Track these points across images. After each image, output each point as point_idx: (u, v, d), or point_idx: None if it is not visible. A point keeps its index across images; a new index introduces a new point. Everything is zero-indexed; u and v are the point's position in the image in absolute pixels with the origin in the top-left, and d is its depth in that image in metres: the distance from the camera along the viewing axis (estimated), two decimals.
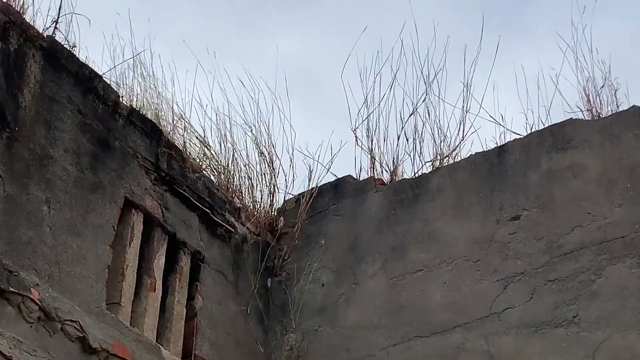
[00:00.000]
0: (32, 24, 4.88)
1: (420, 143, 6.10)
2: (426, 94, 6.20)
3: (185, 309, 5.43)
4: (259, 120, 6.38)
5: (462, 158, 5.90)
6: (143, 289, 5.21)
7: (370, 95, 6.35)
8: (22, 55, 4.75)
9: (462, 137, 6.00)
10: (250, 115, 6.40)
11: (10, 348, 4.28)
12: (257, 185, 6.27)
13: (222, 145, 6.28)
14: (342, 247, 5.97)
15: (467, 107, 6.06)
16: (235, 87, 6.49)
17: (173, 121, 6.08)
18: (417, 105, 6.18)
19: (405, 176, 6.07)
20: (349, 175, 6.22)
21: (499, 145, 5.75)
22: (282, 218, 6.22)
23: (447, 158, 5.96)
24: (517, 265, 5.32)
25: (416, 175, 6.00)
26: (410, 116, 6.18)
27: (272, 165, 6.34)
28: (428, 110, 6.18)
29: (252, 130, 6.36)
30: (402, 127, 6.15)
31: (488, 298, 5.32)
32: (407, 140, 6.14)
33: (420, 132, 6.15)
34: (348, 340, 5.65)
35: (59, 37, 5.11)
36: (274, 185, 6.31)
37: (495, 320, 5.25)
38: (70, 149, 4.89)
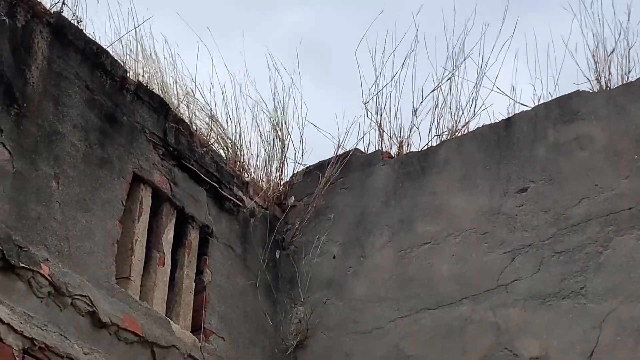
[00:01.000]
0: (38, 0, 4.88)
1: (438, 118, 6.10)
2: (451, 72, 6.19)
3: (194, 283, 5.46)
4: (273, 95, 6.39)
5: (470, 131, 5.90)
6: (152, 263, 5.24)
7: (382, 71, 6.35)
8: (30, 32, 4.76)
9: (474, 112, 6.01)
10: (261, 88, 6.42)
11: (21, 323, 4.31)
12: (266, 159, 6.29)
13: (230, 119, 6.30)
14: (349, 220, 5.99)
15: (479, 83, 6.06)
16: (246, 62, 6.50)
17: (179, 95, 6.09)
18: (441, 82, 6.17)
19: (414, 150, 6.07)
20: (356, 148, 6.23)
21: (506, 117, 5.75)
22: (289, 191, 6.24)
23: (457, 132, 5.96)
24: (524, 237, 5.34)
25: (424, 148, 6.01)
26: (431, 92, 6.18)
27: (282, 138, 6.35)
28: (450, 87, 6.19)
29: (263, 104, 6.37)
30: (413, 102, 6.16)
31: (495, 270, 5.34)
32: (416, 114, 6.15)
33: (440, 108, 6.15)
34: (356, 312, 5.69)
35: (66, 13, 5.11)
36: (283, 159, 6.32)
37: (502, 292, 5.27)
38: (78, 124, 4.91)
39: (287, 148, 6.33)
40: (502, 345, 5.16)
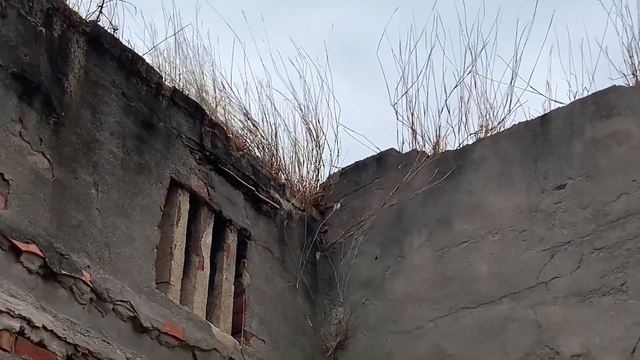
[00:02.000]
0: (74, 10, 4.93)
1: (465, 115, 6.08)
2: (472, 66, 6.17)
3: (233, 286, 5.49)
4: (305, 95, 6.40)
5: (505, 128, 5.88)
6: (191, 267, 5.27)
7: (409, 69, 6.34)
8: (66, 41, 4.81)
9: (509, 110, 5.98)
10: (295, 90, 6.43)
11: (64, 329, 4.37)
12: (302, 161, 6.30)
13: (266, 121, 6.32)
14: (387, 220, 5.99)
15: (513, 81, 6.03)
16: (279, 62, 6.51)
17: (216, 99, 6.13)
18: (463, 76, 6.15)
19: (449, 148, 6.06)
20: (392, 148, 6.22)
21: (541, 114, 5.73)
22: (326, 193, 6.25)
23: (492, 130, 5.95)
24: (563, 234, 5.31)
25: (459, 147, 6.00)
26: (454, 87, 6.16)
27: (318, 140, 6.36)
28: (475, 82, 6.17)
29: (299, 106, 6.38)
30: (446, 100, 6.14)
31: (535, 268, 5.32)
32: (449, 112, 6.14)
33: (465, 104, 6.13)
34: (395, 312, 5.69)
35: (103, 22, 5.17)
36: (319, 161, 6.33)
37: (542, 290, 5.25)
38: (115, 131, 4.95)
39: (323, 149, 6.35)
40: (543, 343, 5.14)
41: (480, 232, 5.60)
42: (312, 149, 6.33)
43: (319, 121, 6.34)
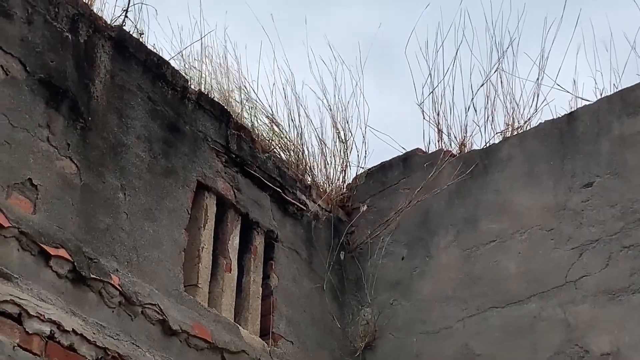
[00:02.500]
0: (99, 15, 4.96)
1: (492, 113, 6.06)
2: (498, 64, 6.15)
3: (261, 288, 5.50)
4: (334, 95, 6.40)
5: (531, 127, 5.85)
6: (219, 270, 5.29)
7: (436, 68, 6.32)
8: (92, 46, 4.84)
9: (535, 108, 5.95)
10: (323, 90, 6.42)
11: (94, 333, 4.39)
12: (329, 162, 6.30)
13: (292, 123, 6.32)
14: (413, 220, 5.98)
15: (540, 79, 6.00)
16: (306, 63, 6.52)
17: (242, 101, 6.14)
18: (489, 75, 6.13)
19: (475, 147, 6.05)
20: (418, 148, 6.21)
21: (568, 112, 5.70)
22: (352, 194, 6.25)
23: (518, 129, 5.92)
24: (592, 232, 5.28)
25: (486, 146, 5.98)
26: (481, 86, 6.14)
27: (346, 141, 6.35)
28: (501, 80, 6.14)
29: (327, 107, 6.38)
30: (472, 99, 6.12)
31: (563, 266, 5.30)
32: (476, 111, 6.12)
33: (492, 103, 6.11)
34: (423, 312, 5.68)
35: (128, 26, 5.19)
36: (346, 162, 6.33)
37: (571, 289, 5.22)
38: (142, 135, 4.98)
39: (350, 150, 6.35)
40: (573, 342, 5.11)
41: (508, 231, 5.58)
42: (339, 150, 6.33)
43: (347, 122, 6.35)
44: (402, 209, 5.93)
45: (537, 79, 6.01)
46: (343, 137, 6.30)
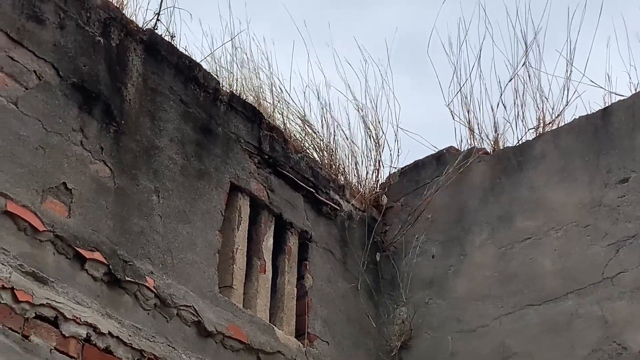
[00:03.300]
0: (131, 19, 4.98)
1: (522, 109, 6.02)
2: (525, 59, 6.11)
3: (295, 289, 5.50)
4: (365, 95, 6.39)
5: (565, 123, 5.81)
6: (253, 270, 5.29)
7: (461, 64, 6.29)
8: (124, 50, 4.86)
9: (567, 102, 5.91)
10: (354, 90, 6.42)
11: (129, 335, 4.42)
12: (362, 161, 6.29)
13: (325, 122, 6.32)
14: (447, 218, 5.95)
15: (569, 72, 5.95)
16: (337, 62, 6.51)
17: (273, 102, 6.15)
18: (516, 70, 6.09)
19: (508, 144, 6.01)
20: (451, 146, 6.19)
21: (602, 107, 5.65)
22: (386, 193, 6.23)
23: (550, 124, 5.88)
24: (628, 228, 5.23)
25: (519, 142, 5.95)
26: (509, 82, 6.10)
27: (377, 140, 6.34)
28: (529, 75, 6.10)
29: (358, 106, 6.37)
30: (501, 95, 6.08)
31: (599, 263, 5.25)
32: (505, 108, 6.08)
33: (520, 98, 6.07)
34: (459, 311, 5.65)
35: (160, 29, 5.22)
36: (378, 161, 6.32)
37: (608, 285, 5.18)
38: (175, 138, 4.99)
39: (382, 149, 6.33)
40: (610, 339, 5.07)
41: (543, 228, 5.54)
42: (372, 149, 6.32)
43: (379, 121, 6.33)
44: (427, 200, 5.89)
45: (566, 72, 5.96)
46: (375, 137, 6.30)
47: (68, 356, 4.16)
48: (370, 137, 6.31)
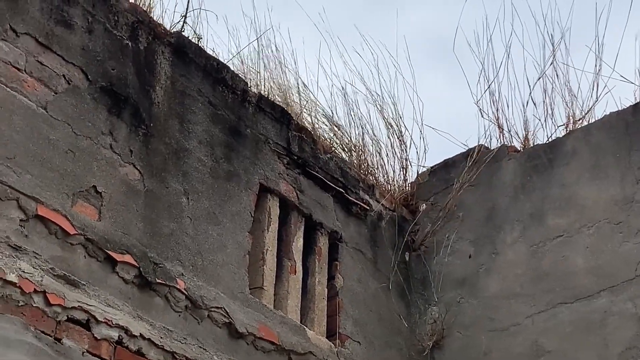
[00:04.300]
0: (159, 22, 5.00)
1: (551, 107, 5.98)
2: (553, 57, 6.07)
3: (326, 289, 5.49)
4: (387, 93, 6.37)
5: (596, 119, 5.77)
6: (284, 271, 5.29)
7: (488, 62, 6.26)
8: (152, 53, 4.88)
9: (596, 98, 5.86)
10: (382, 88, 6.41)
11: (161, 337, 4.43)
12: (389, 160, 6.28)
13: (352, 122, 6.31)
14: (478, 217, 5.93)
15: (598, 67, 5.91)
16: (362, 62, 6.50)
17: (301, 102, 6.15)
18: (544, 68, 6.05)
19: (538, 142, 5.97)
20: (481, 144, 6.16)
21: (633, 103, 5.60)
22: (416, 192, 6.21)
23: (580, 121, 5.84)
24: None
25: (549, 139, 5.91)
26: (538, 79, 6.07)
27: (402, 138, 6.33)
28: (557, 72, 6.06)
29: (381, 105, 6.35)
30: (530, 92, 6.05)
31: (632, 260, 5.21)
32: (535, 105, 6.05)
33: (548, 95, 6.03)
34: (491, 310, 5.63)
35: (187, 31, 5.22)
36: (405, 159, 6.30)
37: None
38: (203, 140, 5.00)
39: (410, 148, 6.32)
40: None
41: (575, 225, 5.50)
42: (398, 148, 6.30)
43: (401, 117, 6.32)
44: (457, 198, 5.86)
45: (596, 67, 5.91)
46: (399, 134, 6.28)
47: (100, 359, 4.17)
48: (395, 135, 6.30)
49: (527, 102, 6.09)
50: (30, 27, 4.38)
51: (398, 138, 6.28)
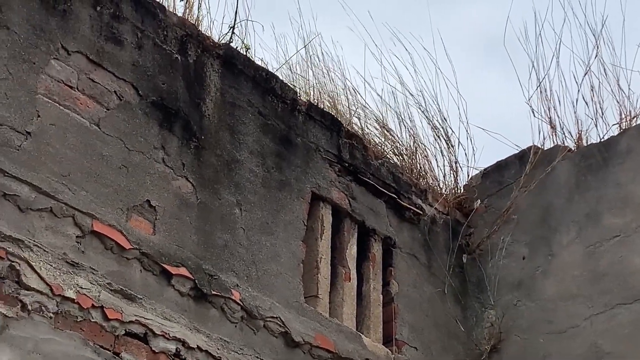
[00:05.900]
0: (207, 35, 5.03)
1: (600, 104, 5.91)
2: (596, 54, 5.99)
3: (381, 295, 5.48)
4: (428, 94, 6.34)
5: None
6: (338, 279, 5.29)
7: (538, 59, 6.20)
8: (201, 66, 4.91)
9: None
10: (423, 89, 6.37)
11: (218, 349, 4.46)
12: (442, 164, 6.25)
13: (402, 126, 6.28)
14: (533, 218, 5.87)
15: None
16: (405, 62, 6.47)
17: (350, 109, 6.14)
18: (589, 65, 5.97)
19: (591, 141, 5.91)
20: (534, 145, 6.10)
21: None
22: (469, 195, 6.17)
23: (634, 119, 5.76)
24: None
25: (603, 139, 5.83)
26: (584, 76, 5.99)
27: (449, 140, 6.29)
28: (605, 70, 5.98)
29: (427, 107, 6.32)
30: (578, 90, 5.98)
31: None
32: (587, 103, 5.98)
33: (597, 93, 5.96)
34: (549, 312, 5.57)
35: (235, 42, 5.25)
36: (455, 162, 6.26)
37: None
38: (254, 150, 5.03)
39: (458, 149, 6.28)
40: None
41: (632, 225, 5.43)
42: (449, 151, 6.27)
43: (444, 119, 6.28)
44: (514, 200, 5.82)
45: None
46: (446, 135, 6.24)
47: None
48: (442, 138, 6.26)
49: (577, 100, 6.03)
50: (81, 45, 4.43)
51: (445, 140, 6.24)
